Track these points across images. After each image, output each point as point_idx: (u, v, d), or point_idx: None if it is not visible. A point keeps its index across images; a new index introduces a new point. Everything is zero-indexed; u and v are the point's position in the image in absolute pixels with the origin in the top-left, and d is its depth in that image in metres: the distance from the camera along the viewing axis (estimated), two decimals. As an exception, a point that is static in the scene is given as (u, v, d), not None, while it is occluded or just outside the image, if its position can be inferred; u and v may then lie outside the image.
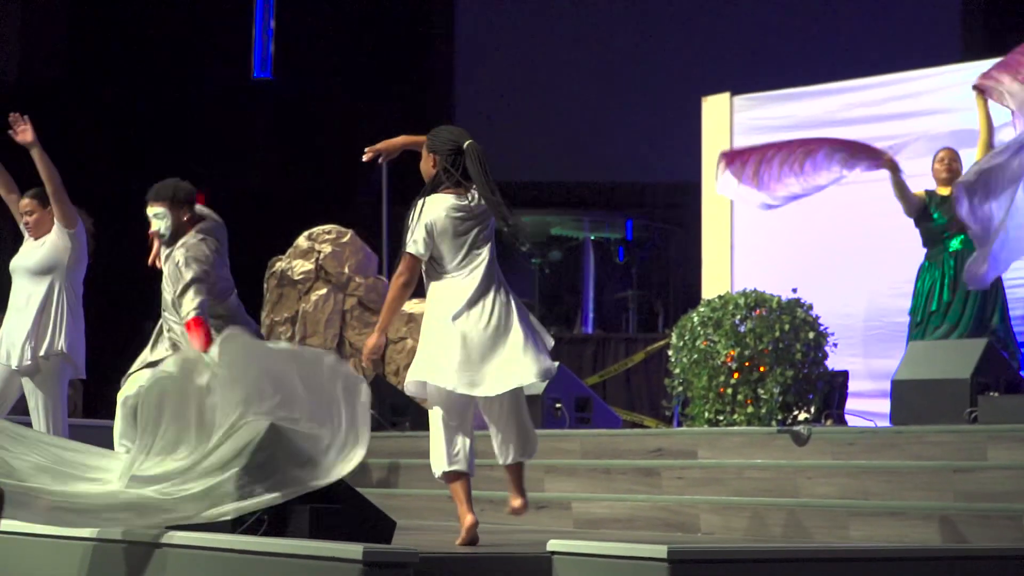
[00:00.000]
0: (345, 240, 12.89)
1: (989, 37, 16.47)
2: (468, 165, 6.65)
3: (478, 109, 18.52)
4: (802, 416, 10.04)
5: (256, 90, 19.19)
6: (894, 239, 11.07)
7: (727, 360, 10.19)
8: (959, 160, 9.98)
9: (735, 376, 10.16)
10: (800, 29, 18.27)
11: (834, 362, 10.43)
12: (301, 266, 12.78)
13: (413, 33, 19.44)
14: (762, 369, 10.11)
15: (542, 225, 19.07)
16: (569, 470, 9.14)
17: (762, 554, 5.80)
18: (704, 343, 10.34)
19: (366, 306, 12.75)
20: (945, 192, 9.88)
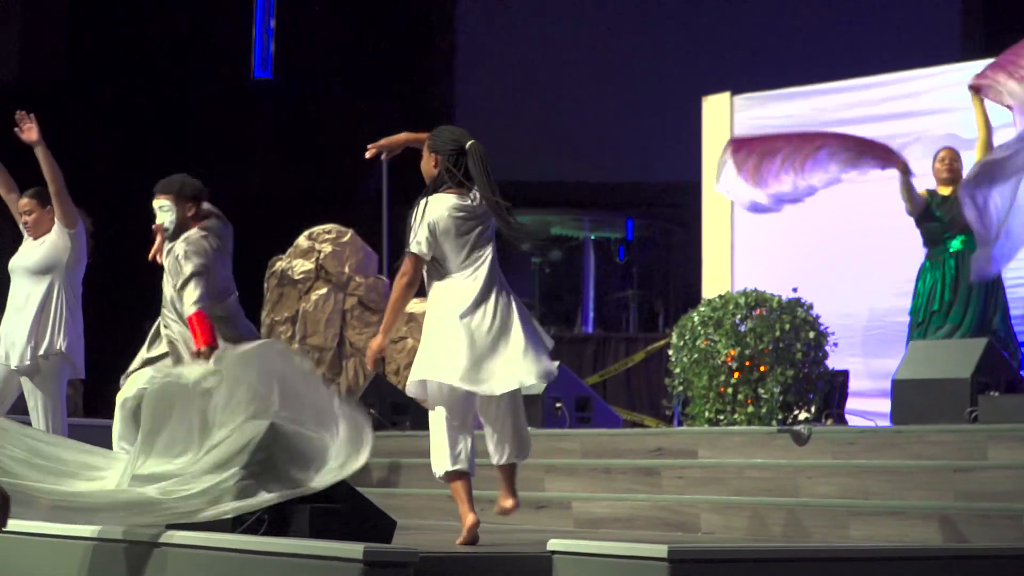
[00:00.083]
0: (345, 240, 12.88)
1: (989, 37, 16.46)
2: (470, 166, 6.63)
3: (478, 109, 18.52)
4: (802, 416, 10.04)
5: (256, 90, 19.19)
6: (894, 239, 11.08)
7: (727, 360, 10.19)
8: (960, 160, 9.97)
9: (735, 376, 10.16)
10: (800, 29, 18.27)
11: (834, 362, 10.43)
12: (301, 265, 12.78)
13: (413, 33, 19.44)
14: (762, 369, 10.11)
15: (542, 225, 19.07)
16: (569, 470, 9.14)
17: (762, 554, 5.80)
18: (704, 343, 10.34)
19: (366, 305, 12.74)
20: (946, 192, 9.87)
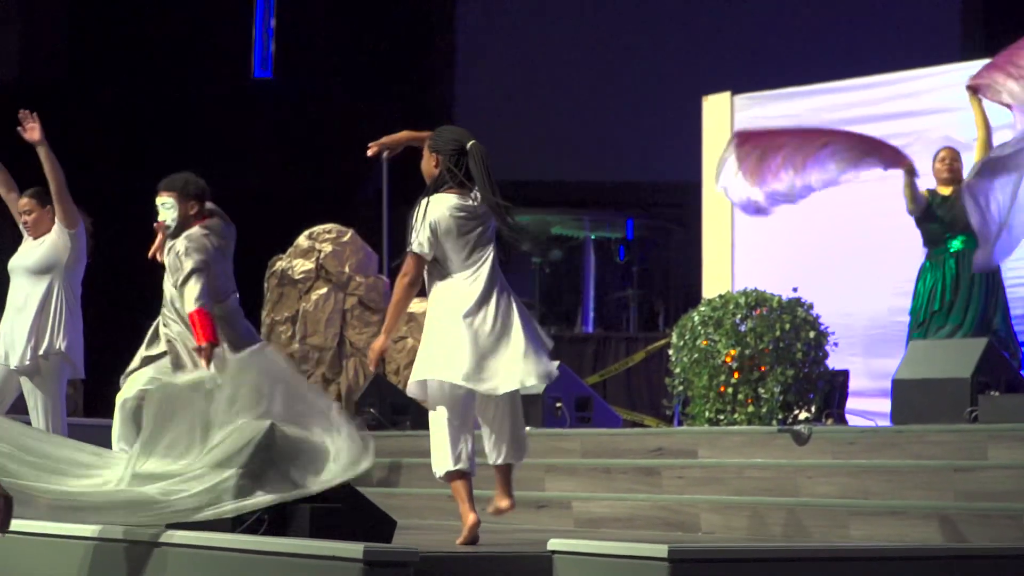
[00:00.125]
0: (345, 239, 12.88)
1: (989, 37, 16.45)
2: (471, 166, 6.63)
3: (478, 109, 18.50)
4: (802, 415, 10.03)
5: (256, 90, 19.18)
6: (894, 239, 11.07)
7: (727, 359, 10.19)
8: (960, 160, 9.96)
9: (735, 375, 10.16)
10: (800, 29, 18.26)
11: (834, 361, 10.43)
12: (301, 265, 12.78)
13: (413, 33, 19.43)
14: (762, 368, 10.11)
15: (542, 225, 19.05)
16: (569, 469, 9.14)
17: (762, 554, 5.80)
18: (705, 342, 10.34)
19: (366, 305, 12.74)
20: (946, 192, 9.87)
